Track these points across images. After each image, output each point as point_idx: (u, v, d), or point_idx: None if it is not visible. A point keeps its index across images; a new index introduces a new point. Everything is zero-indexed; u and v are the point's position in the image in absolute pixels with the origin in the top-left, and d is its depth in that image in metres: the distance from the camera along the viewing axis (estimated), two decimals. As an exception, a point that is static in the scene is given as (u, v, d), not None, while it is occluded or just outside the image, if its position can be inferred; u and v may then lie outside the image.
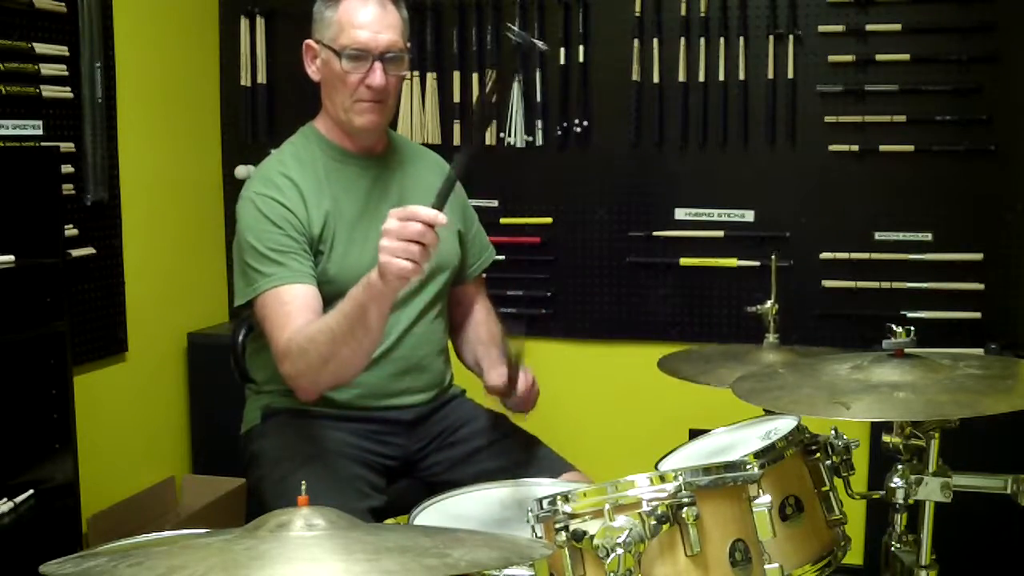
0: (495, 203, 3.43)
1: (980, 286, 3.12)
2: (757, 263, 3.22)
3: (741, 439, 1.85)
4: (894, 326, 1.73)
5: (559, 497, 1.46)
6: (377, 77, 2.05)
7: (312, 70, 2.14)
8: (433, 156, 2.37)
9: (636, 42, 3.28)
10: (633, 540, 1.38)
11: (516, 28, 1.90)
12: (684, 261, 3.33)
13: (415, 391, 2.20)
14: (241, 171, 3.59)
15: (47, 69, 2.83)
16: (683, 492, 1.43)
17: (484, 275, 2.43)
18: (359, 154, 2.18)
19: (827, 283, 3.22)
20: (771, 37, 3.19)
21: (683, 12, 3.25)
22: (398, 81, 2.12)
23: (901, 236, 3.17)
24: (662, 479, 1.45)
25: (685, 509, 1.42)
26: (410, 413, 2.19)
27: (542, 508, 1.48)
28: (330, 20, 2.07)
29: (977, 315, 3.12)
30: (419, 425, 2.21)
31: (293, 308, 1.98)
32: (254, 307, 2.05)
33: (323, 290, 2.06)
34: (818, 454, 1.70)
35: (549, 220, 3.43)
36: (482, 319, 2.39)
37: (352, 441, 2.11)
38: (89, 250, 2.99)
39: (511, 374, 2.07)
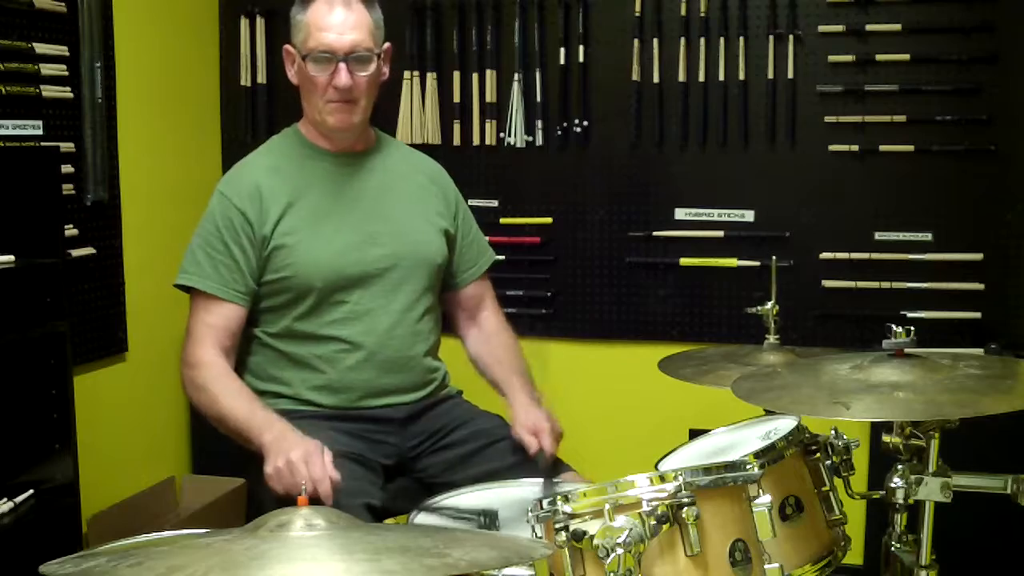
0: (495, 203, 3.43)
1: (980, 286, 3.12)
2: (757, 263, 3.22)
3: (741, 439, 1.85)
4: (894, 326, 1.73)
5: (559, 497, 1.46)
6: (342, 78, 2.10)
7: (291, 74, 2.21)
8: (424, 159, 2.40)
9: (636, 42, 3.28)
10: (633, 540, 1.38)
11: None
12: (684, 261, 3.32)
13: (403, 390, 2.21)
14: (241, 171, 3.59)
15: (47, 69, 2.82)
16: (683, 492, 1.43)
17: (488, 278, 2.45)
18: (335, 152, 2.22)
19: (827, 283, 3.22)
20: (771, 37, 3.19)
21: (683, 12, 3.24)
22: (368, 80, 2.15)
23: (901, 236, 3.16)
24: (662, 479, 1.45)
25: (685, 509, 1.42)
26: (401, 411, 2.20)
27: (542, 508, 1.48)
28: (300, 25, 2.14)
29: (977, 315, 3.12)
30: (411, 423, 2.22)
31: (214, 325, 2.13)
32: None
33: (286, 283, 2.14)
34: (818, 454, 1.70)
35: (549, 220, 3.43)
36: (494, 330, 2.41)
37: (345, 440, 2.12)
38: (89, 250, 2.98)
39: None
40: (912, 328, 1.72)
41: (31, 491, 2.43)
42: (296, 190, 2.16)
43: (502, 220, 3.43)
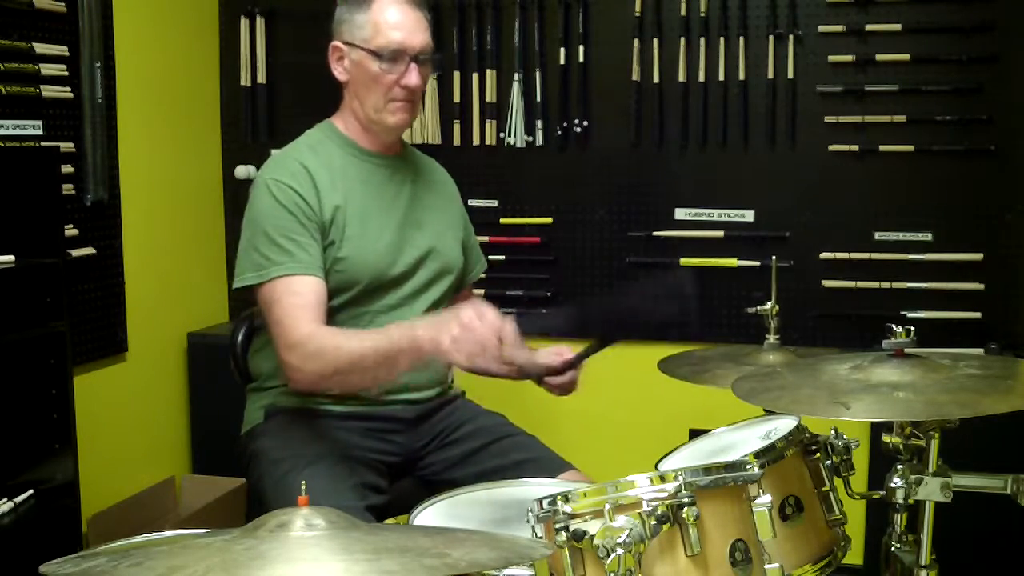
0: (495, 203, 3.43)
1: (980, 286, 3.12)
2: (757, 263, 3.22)
3: (741, 439, 1.85)
4: (894, 326, 1.73)
5: (559, 497, 1.46)
6: (414, 77, 2.11)
7: (339, 71, 2.18)
8: (437, 166, 2.42)
9: (636, 42, 3.28)
10: (633, 540, 1.38)
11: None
12: (684, 261, 3.33)
13: (418, 387, 2.22)
14: (241, 171, 3.59)
15: (47, 69, 2.83)
16: (683, 492, 1.43)
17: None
18: (376, 152, 2.22)
19: (827, 283, 3.22)
20: (771, 37, 3.19)
21: (683, 12, 3.25)
22: (427, 81, 2.19)
23: (901, 236, 3.17)
24: (662, 479, 1.45)
25: (685, 509, 1.42)
26: (412, 410, 2.21)
27: (542, 508, 1.48)
28: (362, 22, 2.12)
29: (977, 315, 3.12)
30: (421, 423, 2.23)
31: (308, 301, 2.03)
32: (258, 292, 2.08)
33: (333, 277, 2.10)
34: (818, 454, 1.70)
35: (549, 220, 3.43)
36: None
37: (355, 440, 2.13)
38: (89, 250, 2.99)
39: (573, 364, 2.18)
40: (912, 328, 1.72)
41: (31, 491, 2.43)
42: (345, 187, 2.15)
43: (502, 220, 3.43)
